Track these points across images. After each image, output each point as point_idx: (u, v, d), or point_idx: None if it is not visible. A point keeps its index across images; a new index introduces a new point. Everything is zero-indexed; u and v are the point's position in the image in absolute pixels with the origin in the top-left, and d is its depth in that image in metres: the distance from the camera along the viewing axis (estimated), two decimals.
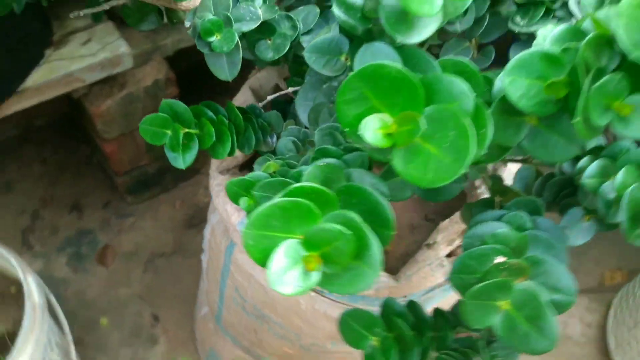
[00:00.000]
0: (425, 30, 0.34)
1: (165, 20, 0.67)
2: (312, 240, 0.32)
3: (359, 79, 0.33)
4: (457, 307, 0.49)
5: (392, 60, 0.37)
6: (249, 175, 0.47)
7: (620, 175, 0.41)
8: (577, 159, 0.48)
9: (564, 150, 0.36)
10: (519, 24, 0.48)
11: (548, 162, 0.50)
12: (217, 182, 0.73)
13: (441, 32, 0.50)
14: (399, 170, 0.34)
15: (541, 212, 0.49)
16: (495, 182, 0.53)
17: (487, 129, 0.35)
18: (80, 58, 0.99)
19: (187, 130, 0.55)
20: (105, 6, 0.56)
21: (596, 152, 0.47)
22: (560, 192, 0.50)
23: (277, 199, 0.32)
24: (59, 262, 1.28)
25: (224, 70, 0.48)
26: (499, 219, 0.48)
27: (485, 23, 0.49)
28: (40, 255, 1.29)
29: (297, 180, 0.42)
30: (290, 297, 0.72)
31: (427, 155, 0.34)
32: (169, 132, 0.55)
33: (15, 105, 0.96)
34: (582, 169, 0.46)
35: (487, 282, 0.40)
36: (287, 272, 0.31)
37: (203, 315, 1.06)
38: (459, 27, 0.48)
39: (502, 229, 0.45)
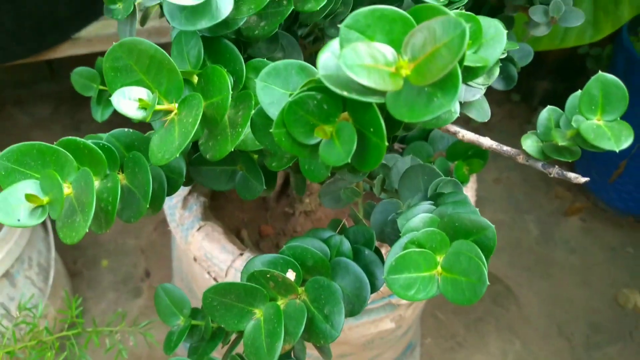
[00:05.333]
0: (199, 22, 0.35)
1: None
2: None
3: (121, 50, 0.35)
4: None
5: None
6: None
7: (410, 223, 0.39)
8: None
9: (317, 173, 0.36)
10: None
11: None
12: None
13: None
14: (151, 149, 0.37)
15: (372, 244, 0.48)
16: (352, 209, 0.52)
17: (243, 128, 0.36)
18: None
19: None
20: None
21: (436, 198, 0.45)
22: (400, 231, 0.48)
23: None
24: None
25: (125, 36, 0.53)
26: (325, 239, 0.47)
27: None
28: None
29: None
30: (205, 278, 0.74)
31: (171, 134, 0.36)
32: (95, 86, 0.60)
33: (67, 50, 1.09)
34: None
35: (242, 283, 0.40)
36: None
37: (173, 281, 1.12)
38: None
39: (309, 246, 0.44)
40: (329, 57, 0.29)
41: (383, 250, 0.48)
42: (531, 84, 1.59)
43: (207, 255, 0.65)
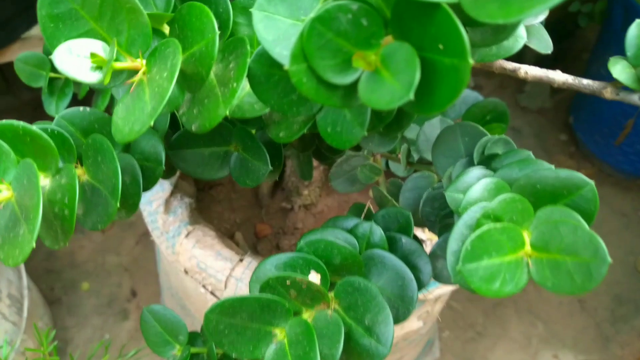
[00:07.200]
0: None
1: None
2: None
3: None
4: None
5: None
6: None
7: (470, 194, 0.30)
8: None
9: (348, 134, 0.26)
10: None
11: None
12: None
13: None
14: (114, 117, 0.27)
15: (409, 230, 0.38)
16: (376, 189, 0.42)
17: (238, 83, 0.26)
18: None
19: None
20: None
21: (488, 161, 0.35)
22: (442, 210, 0.38)
23: None
24: None
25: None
26: (349, 229, 0.38)
27: None
28: None
29: None
30: (200, 292, 0.64)
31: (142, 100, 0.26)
32: (44, 73, 0.50)
33: (19, 51, 0.97)
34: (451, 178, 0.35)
35: (255, 296, 0.30)
36: None
37: (161, 299, 1.01)
38: None
39: (334, 239, 0.35)
40: None
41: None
42: (520, 51, 1.51)
43: (200, 266, 0.55)
